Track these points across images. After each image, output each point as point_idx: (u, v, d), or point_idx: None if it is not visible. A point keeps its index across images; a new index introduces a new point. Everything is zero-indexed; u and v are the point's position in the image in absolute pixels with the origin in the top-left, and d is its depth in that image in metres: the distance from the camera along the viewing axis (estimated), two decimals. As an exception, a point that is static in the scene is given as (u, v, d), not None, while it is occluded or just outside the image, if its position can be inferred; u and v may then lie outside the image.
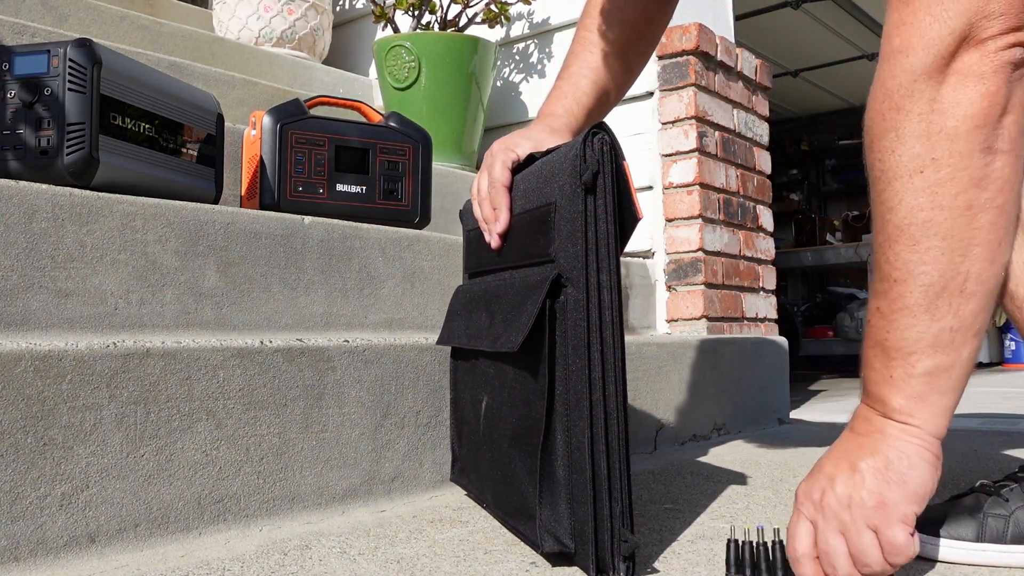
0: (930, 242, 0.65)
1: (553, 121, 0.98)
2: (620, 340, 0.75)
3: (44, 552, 0.75)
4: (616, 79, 1.04)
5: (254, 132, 1.26)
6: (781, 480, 1.22)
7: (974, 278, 0.65)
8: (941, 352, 0.66)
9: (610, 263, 0.74)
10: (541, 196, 0.82)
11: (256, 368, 0.93)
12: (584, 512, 0.73)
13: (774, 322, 2.12)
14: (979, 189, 0.64)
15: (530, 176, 0.86)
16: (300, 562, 0.80)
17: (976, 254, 0.65)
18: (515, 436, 0.83)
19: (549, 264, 0.79)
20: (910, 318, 0.66)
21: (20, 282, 0.83)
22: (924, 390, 0.67)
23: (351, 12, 2.56)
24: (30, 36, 1.40)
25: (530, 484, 0.80)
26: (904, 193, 0.65)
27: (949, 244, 0.65)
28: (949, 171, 0.63)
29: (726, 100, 1.95)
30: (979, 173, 0.63)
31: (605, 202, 0.74)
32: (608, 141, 0.75)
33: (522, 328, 0.77)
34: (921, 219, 0.65)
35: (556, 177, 0.79)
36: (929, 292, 0.65)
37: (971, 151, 0.63)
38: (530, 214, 0.84)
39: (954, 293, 0.65)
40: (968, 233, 0.64)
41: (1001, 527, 0.78)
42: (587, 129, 0.76)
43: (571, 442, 0.75)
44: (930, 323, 0.66)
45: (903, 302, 0.66)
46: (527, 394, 0.81)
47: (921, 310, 0.66)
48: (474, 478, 1.00)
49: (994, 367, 4.99)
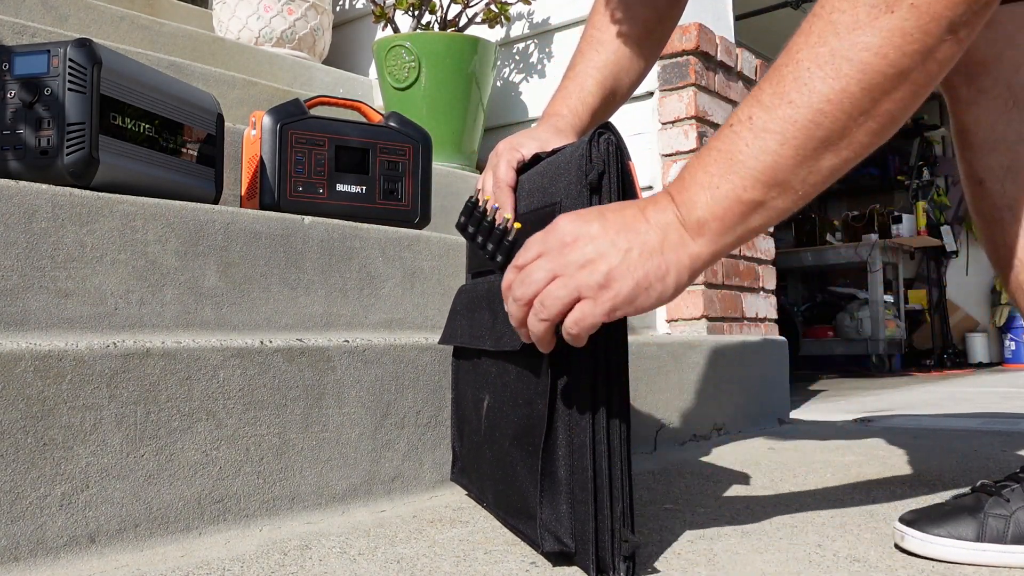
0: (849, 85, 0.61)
1: (558, 121, 0.98)
2: (623, 340, 0.75)
3: (44, 552, 0.75)
4: (624, 78, 1.03)
5: (254, 132, 1.26)
6: (781, 480, 1.22)
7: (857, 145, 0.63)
8: (776, 196, 0.64)
9: None
10: (546, 196, 0.82)
11: (256, 368, 0.93)
12: (585, 512, 0.73)
13: (774, 322, 2.12)
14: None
15: (535, 176, 0.86)
16: (300, 562, 0.80)
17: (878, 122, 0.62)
18: (517, 435, 0.83)
19: None
20: (778, 146, 0.63)
21: (20, 282, 0.83)
22: (732, 218, 0.65)
23: (351, 12, 2.56)
24: (30, 36, 1.40)
25: (531, 483, 0.80)
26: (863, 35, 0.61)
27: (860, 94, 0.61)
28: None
29: (726, 100, 1.95)
30: None
31: (610, 203, 0.74)
32: (614, 142, 0.75)
33: None
34: (862, 59, 0.61)
35: (561, 177, 0.79)
36: (815, 135, 0.62)
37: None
38: (535, 213, 0.84)
39: (832, 150, 0.63)
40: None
41: (1002, 527, 0.78)
42: (593, 129, 0.76)
43: (573, 442, 0.75)
44: (795, 166, 0.63)
45: (782, 126, 0.63)
46: (529, 393, 0.81)
47: (794, 145, 0.63)
48: (475, 477, 1.00)
49: (994, 367, 4.99)
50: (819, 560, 0.80)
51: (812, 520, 0.97)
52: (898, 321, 4.66)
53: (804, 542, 0.87)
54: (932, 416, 2.16)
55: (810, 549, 0.84)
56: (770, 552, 0.83)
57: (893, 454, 1.43)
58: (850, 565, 0.79)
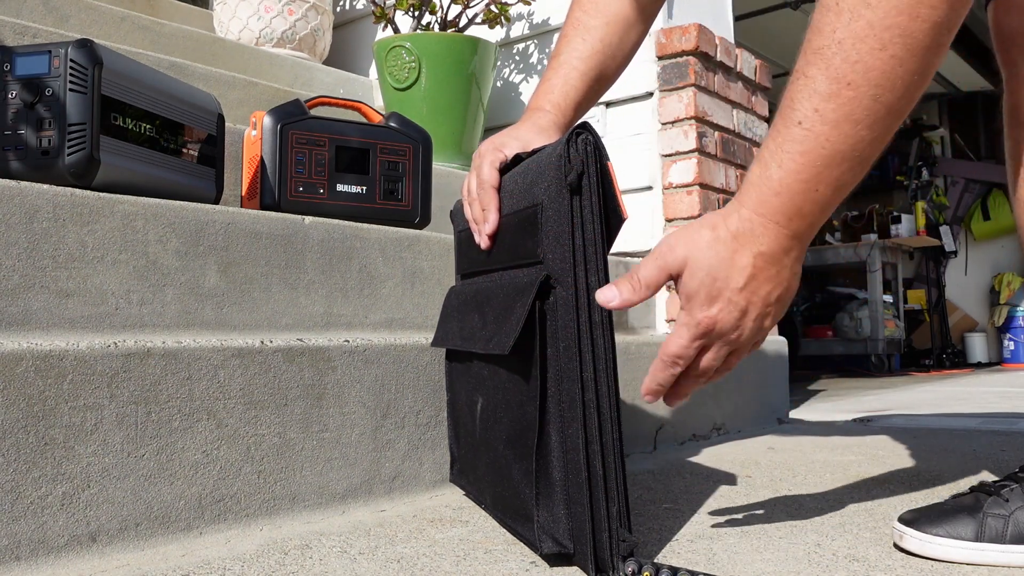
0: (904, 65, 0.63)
1: (541, 118, 0.97)
2: (611, 340, 0.75)
3: (45, 551, 0.75)
4: (611, 63, 1.01)
5: (255, 132, 1.26)
6: (781, 480, 1.22)
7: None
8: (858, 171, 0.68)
9: (598, 264, 0.74)
10: (528, 197, 0.82)
11: (256, 368, 0.93)
12: (581, 513, 0.73)
13: (774, 322, 2.12)
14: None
15: (517, 176, 0.86)
16: (300, 562, 0.80)
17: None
18: (510, 438, 0.83)
19: (538, 265, 0.79)
20: (852, 127, 0.65)
21: (21, 282, 0.83)
22: (824, 200, 0.69)
23: (351, 12, 2.56)
24: (31, 37, 1.41)
25: (526, 486, 0.80)
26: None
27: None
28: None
29: (726, 100, 1.95)
30: None
31: (591, 203, 0.74)
32: (592, 141, 0.74)
33: (512, 330, 0.77)
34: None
35: (542, 178, 0.79)
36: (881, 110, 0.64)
37: None
38: (518, 215, 0.84)
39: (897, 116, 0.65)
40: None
41: (1001, 527, 0.78)
42: (571, 129, 0.76)
43: (565, 443, 0.75)
44: (872, 140, 0.66)
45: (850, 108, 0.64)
46: (520, 396, 0.81)
47: (867, 124, 0.64)
48: (472, 479, 1.00)
49: (993, 367, 4.99)
50: (818, 560, 0.80)
51: (812, 520, 0.97)
52: (897, 321, 4.67)
53: (803, 542, 0.87)
54: (931, 416, 2.16)
55: (809, 549, 0.84)
56: (770, 552, 0.83)
57: (892, 454, 1.43)
58: (849, 564, 0.79)
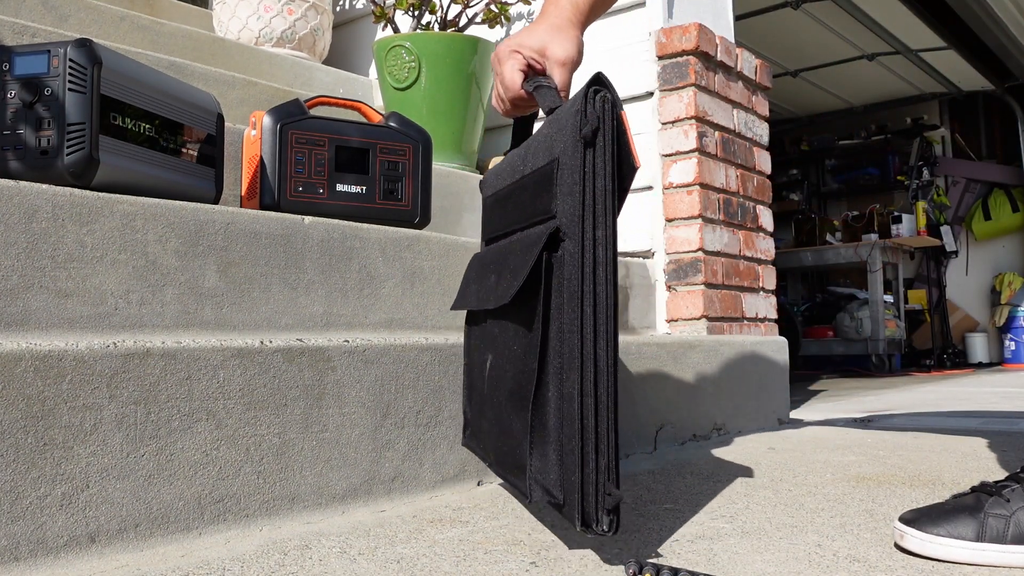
0: None
1: (557, 15, 0.95)
2: (613, 297, 0.76)
3: (44, 552, 0.75)
4: None
5: (254, 132, 1.26)
6: (781, 480, 1.22)
7: None
8: None
9: (607, 219, 0.75)
10: (548, 154, 0.83)
11: (256, 368, 0.93)
12: (572, 462, 0.73)
13: (774, 322, 2.12)
14: None
15: (539, 136, 0.88)
16: (300, 562, 0.80)
17: None
18: (512, 391, 0.85)
19: (551, 220, 0.80)
20: None
21: (20, 282, 0.83)
22: None
23: (351, 12, 2.56)
24: (30, 36, 1.40)
25: (523, 435, 0.81)
26: None
27: None
28: None
29: (726, 100, 1.95)
30: None
31: (604, 159, 0.75)
32: (610, 99, 0.76)
33: (517, 280, 0.79)
34: None
35: (560, 134, 0.80)
36: None
37: None
38: (537, 173, 0.85)
39: None
40: None
41: (1002, 527, 0.78)
42: (588, 85, 0.77)
43: (562, 394, 0.76)
44: None
45: None
46: (523, 347, 0.82)
47: None
48: (480, 438, 1.01)
49: (994, 367, 4.99)
50: (819, 560, 0.80)
51: (812, 520, 0.97)
52: (898, 321, 4.66)
53: (804, 542, 0.87)
54: (932, 416, 2.16)
55: (810, 549, 0.84)
56: (770, 552, 0.83)
57: (893, 454, 1.43)
58: (850, 565, 0.79)
